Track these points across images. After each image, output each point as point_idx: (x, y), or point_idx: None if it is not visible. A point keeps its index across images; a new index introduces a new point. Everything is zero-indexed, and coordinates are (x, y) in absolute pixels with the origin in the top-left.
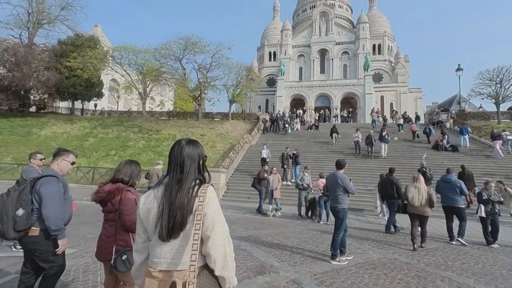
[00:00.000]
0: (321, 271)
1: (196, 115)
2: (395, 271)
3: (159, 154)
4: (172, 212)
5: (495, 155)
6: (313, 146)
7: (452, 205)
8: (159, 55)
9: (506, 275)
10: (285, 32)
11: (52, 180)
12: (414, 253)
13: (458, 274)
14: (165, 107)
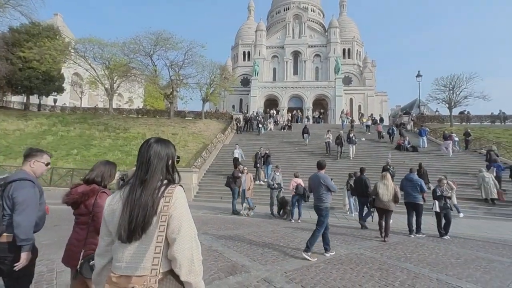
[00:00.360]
0: (292, 269)
1: (168, 113)
2: (361, 265)
3: (127, 153)
4: (134, 212)
5: (445, 153)
6: (285, 146)
7: (413, 202)
8: (127, 50)
9: (454, 263)
10: (260, 32)
11: (27, 184)
12: (377, 248)
13: (415, 265)
14: (134, 104)
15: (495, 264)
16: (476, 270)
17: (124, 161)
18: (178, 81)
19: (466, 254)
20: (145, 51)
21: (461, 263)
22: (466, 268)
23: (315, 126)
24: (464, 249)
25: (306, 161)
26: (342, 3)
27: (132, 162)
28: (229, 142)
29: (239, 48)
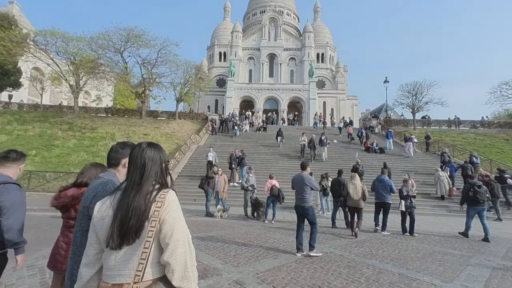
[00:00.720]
0: (264, 269)
1: (139, 113)
2: (330, 264)
3: (93, 154)
4: (126, 217)
5: (407, 154)
6: (261, 147)
7: (383, 201)
8: (96, 45)
9: (414, 258)
10: (236, 33)
11: (14, 187)
12: (346, 246)
13: (380, 261)
14: (103, 103)
15: (448, 257)
16: (432, 263)
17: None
18: (150, 80)
19: (424, 249)
20: (115, 48)
21: (420, 257)
22: (424, 262)
23: (290, 128)
24: (423, 244)
25: (280, 162)
26: (316, 9)
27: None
28: (204, 143)
29: (215, 49)
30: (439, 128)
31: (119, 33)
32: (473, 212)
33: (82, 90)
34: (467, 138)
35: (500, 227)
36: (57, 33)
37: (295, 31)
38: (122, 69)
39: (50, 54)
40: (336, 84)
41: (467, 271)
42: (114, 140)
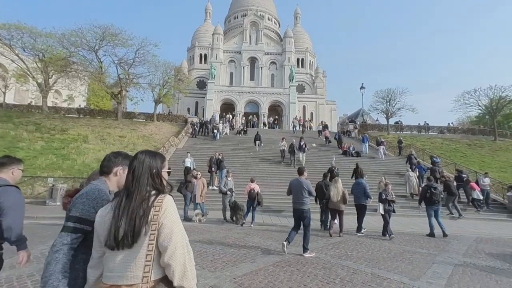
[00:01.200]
0: (241, 274)
1: (115, 114)
2: (306, 266)
3: (63, 157)
4: (122, 221)
5: (380, 157)
6: (241, 151)
7: (359, 203)
8: (67, 43)
9: (386, 257)
10: (217, 36)
11: (13, 189)
12: (323, 248)
13: (354, 262)
14: (75, 103)
15: (416, 256)
16: (402, 262)
17: (59, 166)
18: (127, 80)
19: (396, 249)
20: (89, 46)
21: (391, 257)
22: (394, 261)
23: (270, 132)
24: (395, 244)
25: (260, 166)
26: (296, 15)
27: (70, 167)
28: (183, 146)
29: (195, 50)
30: (410, 133)
31: (94, 30)
32: (431, 211)
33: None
34: (435, 143)
35: (462, 226)
36: (23, 28)
37: (276, 35)
38: (96, 68)
39: (15, 50)
40: (315, 89)
41: (432, 268)
42: (87, 142)
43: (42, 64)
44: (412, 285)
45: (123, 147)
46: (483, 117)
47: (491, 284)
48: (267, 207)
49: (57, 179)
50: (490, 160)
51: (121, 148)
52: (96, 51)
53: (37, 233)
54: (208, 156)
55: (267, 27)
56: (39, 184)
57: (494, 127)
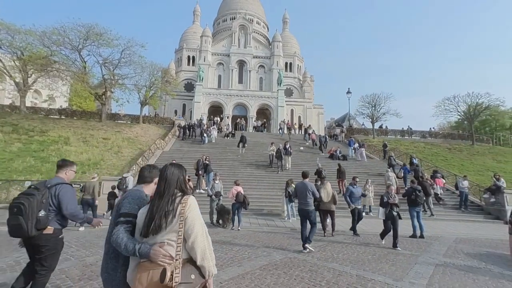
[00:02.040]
0: (228, 278)
1: (99, 115)
2: (293, 269)
3: (42, 160)
4: (156, 215)
5: (359, 158)
6: (228, 154)
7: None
8: (49, 41)
9: (371, 259)
10: (205, 38)
11: (68, 186)
12: (309, 251)
13: (340, 264)
14: (57, 103)
15: (400, 257)
16: (386, 263)
17: (38, 169)
18: (112, 81)
19: (380, 251)
20: (72, 45)
21: (376, 258)
22: (379, 263)
23: (258, 135)
24: (379, 246)
25: (248, 169)
26: (285, 20)
27: (50, 170)
28: (170, 149)
29: (183, 52)
30: (395, 137)
31: (77, 29)
32: (414, 212)
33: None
34: (418, 147)
35: (443, 227)
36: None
37: (265, 39)
38: (80, 68)
39: None
40: (303, 93)
41: (415, 269)
42: (69, 144)
43: (20, 63)
44: (395, 286)
45: (107, 149)
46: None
47: (468, 282)
48: (256, 210)
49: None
50: (469, 164)
51: (104, 151)
52: (80, 50)
53: (12, 240)
54: (195, 159)
55: (256, 30)
56: (15, 188)
57: (472, 132)
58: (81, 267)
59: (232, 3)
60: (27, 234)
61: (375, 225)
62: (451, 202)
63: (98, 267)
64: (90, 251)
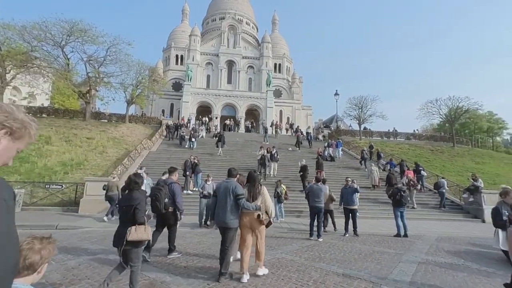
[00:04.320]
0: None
1: (83, 114)
2: (281, 269)
3: (21, 160)
4: (254, 193)
5: (337, 156)
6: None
7: (350, 207)
8: (29, 36)
9: (357, 258)
10: (194, 37)
11: (177, 185)
12: (297, 251)
13: (327, 264)
14: (37, 101)
15: (385, 256)
16: (372, 262)
17: (16, 170)
18: (97, 79)
19: (366, 250)
20: (54, 41)
21: (362, 257)
22: (365, 262)
23: (247, 135)
24: (365, 245)
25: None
26: (274, 21)
27: (29, 170)
28: (157, 149)
29: (171, 51)
30: (381, 139)
31: (60, 25)
32: (398, 212)
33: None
34: (403, 148)
35: (426, 227)
36: None
37: (254, 40)
38: (62, 65)
39: None
40: (292, 94)
41: (399, 267)
42: (50, 144)
43: None
44: (380, 284)
45: (91, 149)
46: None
47: (448, 279)
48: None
49: (13, 183)
50: (450, 165)
51: (88, 151)
52: (63, 47)
53: None
54: (182, 160)
55: (245, 31)
56: None
57: (453, 134)
58: (62, 271)
59: (221, 3)
60: (160, 212)
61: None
62: (432, 202)
63: (80, 270)
64: (72, 255)
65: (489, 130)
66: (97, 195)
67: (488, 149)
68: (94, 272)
